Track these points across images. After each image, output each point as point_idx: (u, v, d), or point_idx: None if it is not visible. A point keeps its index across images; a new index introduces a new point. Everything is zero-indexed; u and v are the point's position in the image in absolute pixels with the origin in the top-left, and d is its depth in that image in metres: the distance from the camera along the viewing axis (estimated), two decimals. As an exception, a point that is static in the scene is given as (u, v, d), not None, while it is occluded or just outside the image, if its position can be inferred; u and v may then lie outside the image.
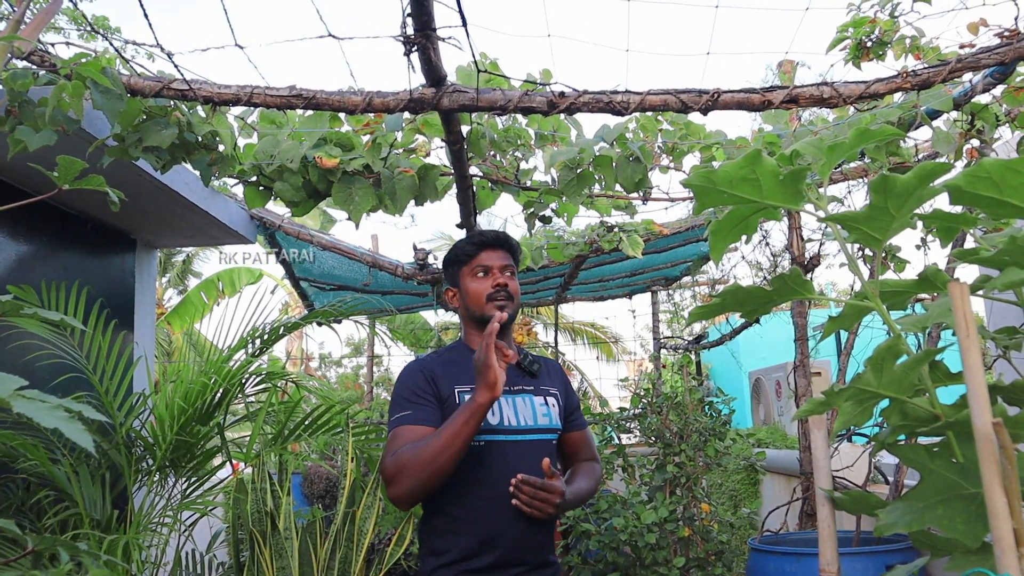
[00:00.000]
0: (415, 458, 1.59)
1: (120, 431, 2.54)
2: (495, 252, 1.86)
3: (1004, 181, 0.79)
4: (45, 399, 0.83)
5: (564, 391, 1.93)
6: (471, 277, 1.84)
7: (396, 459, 1.61)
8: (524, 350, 1.92)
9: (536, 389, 1.85)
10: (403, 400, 1.72)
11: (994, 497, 0.60)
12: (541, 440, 1.80)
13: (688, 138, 2.59)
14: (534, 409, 1.81)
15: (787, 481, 4.45)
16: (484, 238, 1.87)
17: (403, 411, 1.70)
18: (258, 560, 2.74)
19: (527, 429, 1.77)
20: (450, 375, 1.76)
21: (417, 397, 1.71)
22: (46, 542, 1.21)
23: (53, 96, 1.84)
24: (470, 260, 1.85)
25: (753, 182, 0.93)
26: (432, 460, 1.57)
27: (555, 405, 1.86)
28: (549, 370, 1.95)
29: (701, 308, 1.04)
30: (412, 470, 1.59)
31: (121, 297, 3.55)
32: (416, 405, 1.70)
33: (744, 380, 8.43)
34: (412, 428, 1.66)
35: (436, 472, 1.58)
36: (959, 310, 0.70)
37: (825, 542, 1.06)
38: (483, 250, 1.85)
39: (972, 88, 2.28)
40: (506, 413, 1.76)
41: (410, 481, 1.59)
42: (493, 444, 1.72)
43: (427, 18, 1.74)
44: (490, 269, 1.83)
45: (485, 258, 1.84)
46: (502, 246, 1.88)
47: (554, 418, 1.84)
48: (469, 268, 1.85)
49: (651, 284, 6.16)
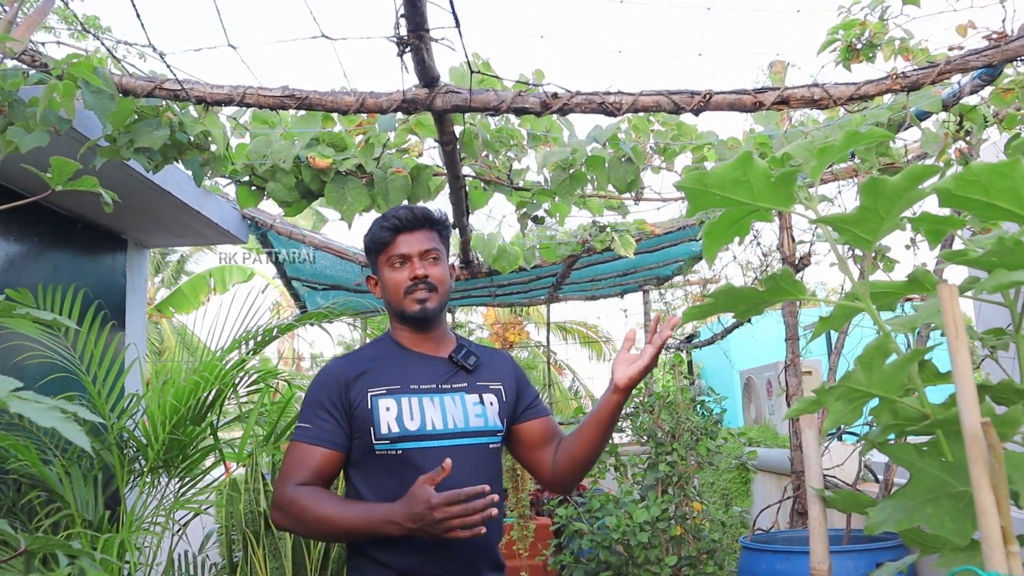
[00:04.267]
0: (309, 512, 1.49)
1: (112, 431, 2.53)
2: (413, 235, 1.63)
3: (992, 184, 0.80)
4: (40, 400, 0.83)
5: (514, 384, 1.72)
6: (388, 267, 1.64)
7: (294, 499, 1.51)
8: (462, 340, 1.72)
9: (470, 386, 1.64)
10: (308, 410, 1.59)
11: (982, 495, 0.61)
12: (473, 445, 1.59)
13: (680, 138, 2.60)
14: (465, 409, 1.60)
15: (778, 480, 4.48)
16: (399, 220, 1.63)
17: (305, 423, 1.58)
18: (251, 560, 2.74)
19: (456, 433, 1.58)
20: (367, 377, 1.60)
21: (322, 410, 1.57)
22: (39, 542, 1.21)
23: (44, 96, 1.84)
24: (385, 248, 1.64)
25: (745, 184, 0.94)
26: (323, 526, 1.50)
27: (494, 403, 1.64)
28: (493, 363, 1.72)
29: (695, 308, 1.05)
30: (301, 520, 1.51)
31: (112, 297, 3.54)
32: (318, 420, 1.57)
33: (735, 379, 8.46)
34: (307, 449, 1.55)
35: (322, 535, 1.54)
36: (948, 311, 0.71)
37: (816, 540, 1.07)
38: (399, 234, 1.63)
39: (960, 90, 2.30)
40: (429, 415, 1.57)
41: (293, 526, 1.54)
42: (414, 452, 1.53)
43: (420, 19, 1.75)
44: (408, 258, 1.62)
45: (402, 244, 1.63)
46: (421, 226, 1.65)
47: (491, 419, 1.62)
48: (385, 256, 1.64)
49: (643, 284, 6.18)
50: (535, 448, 1.72)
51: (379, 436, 1.55)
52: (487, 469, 1.61)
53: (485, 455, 1.61)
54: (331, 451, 1.56)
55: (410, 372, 1.63)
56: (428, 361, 1.66)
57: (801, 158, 1.09)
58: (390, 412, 1.56)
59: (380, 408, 1.56)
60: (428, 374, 1.63)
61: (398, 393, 1.59)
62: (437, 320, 1.68)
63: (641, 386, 3.97)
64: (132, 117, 2.17)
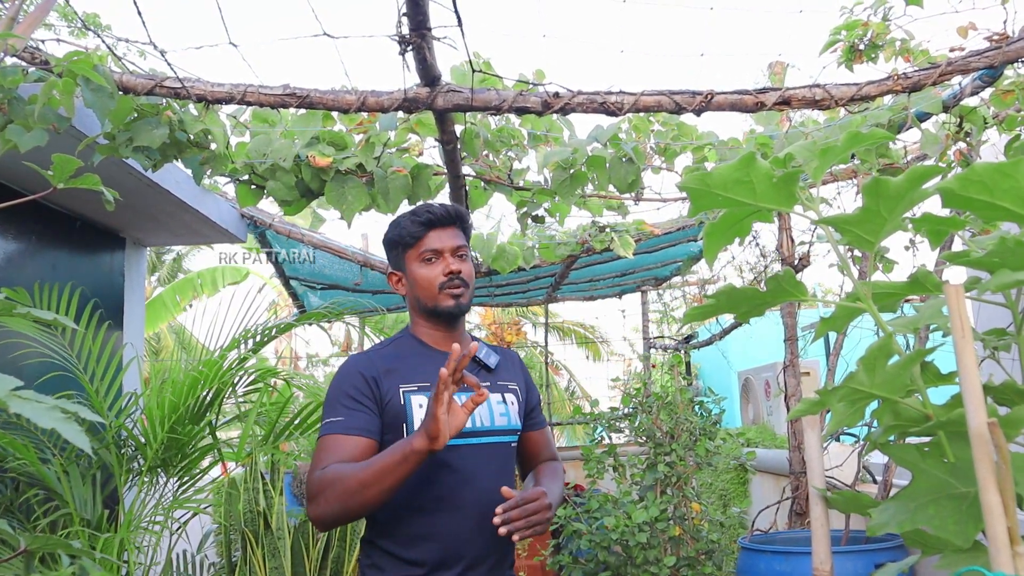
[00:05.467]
0: (339, 484, 1.41)
1: (110, 430, 2.53)
2: (445, 231, 1.61)
3: (995, 184, 0.80)
4: (41, 399, 0.83)
5: (525, 386, 1.72)
6: (419, 262, 1.60)
7: (321, 478, 1.43)
8: (475, 339, 1.69)
9: (493, 386, 1.63)
10: (336, 404, 1.52)
11: (989, 496, 0.61)
12: (499, 443, 1.59)
13: (680, 139, 2.60)
14: (491, 408, 1.59)
15: (776, 480, 4.48)
16: (432, 215, 1.61)
17: (335, 417, 1.51)
18: (250, 560, 2.73)
19: (483, 431, 1.57)
20: (395, 373, 1.56)
21: (352, 401, 1.51)
22: (39, 542, 1.20)
23: (43, 93, 1.83)
24: (416, 243, 1.61)
25: (747, 184, 0.94)
26: (356, 491, 1.39)
27: (515, 403, 1.65)
28: (508, 362, 1.73)
29: (696, 309, 1.05)
30: (333, 496, 1.41)
31: (110, 295, 3.53)
32: (350, 411, 1.50)
33: (733, 380, 8.46)
34: (342, 439, 1.48)
35: (360, 504, 1.40)
36: (955, 312, 0.71)
37: (818, 541, 1.07)
38: (431, 230, 1.60)
39: (961, 91, 2.30)
40: None
41: (331, 506, 1.42)
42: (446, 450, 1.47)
43: (422, 18, 1.75)
44: (441, 253, 1.60)
45: (435, 240, 1.60)
46: (453, 223, 1.63)
47: (513, 417, 1.63)
48: (416, 252, 1.61)
49: (641, 284, 6.18)
50: (526, 460, 1.73)
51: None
52: (509, 467, 1.62)
53: (508, 454, 1.62)
54: (368, 439, 1.49)
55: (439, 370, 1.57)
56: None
57: (802, 159, 1.09)
58: (423, 409, 1.52)
59: (413, 405, 1.53)
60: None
61: (429, 391, 1.53)
62: (463, 318, 1.66)
63: (640, 387, 3.97)
64: (132, 115, 2.16)
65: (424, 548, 1.50)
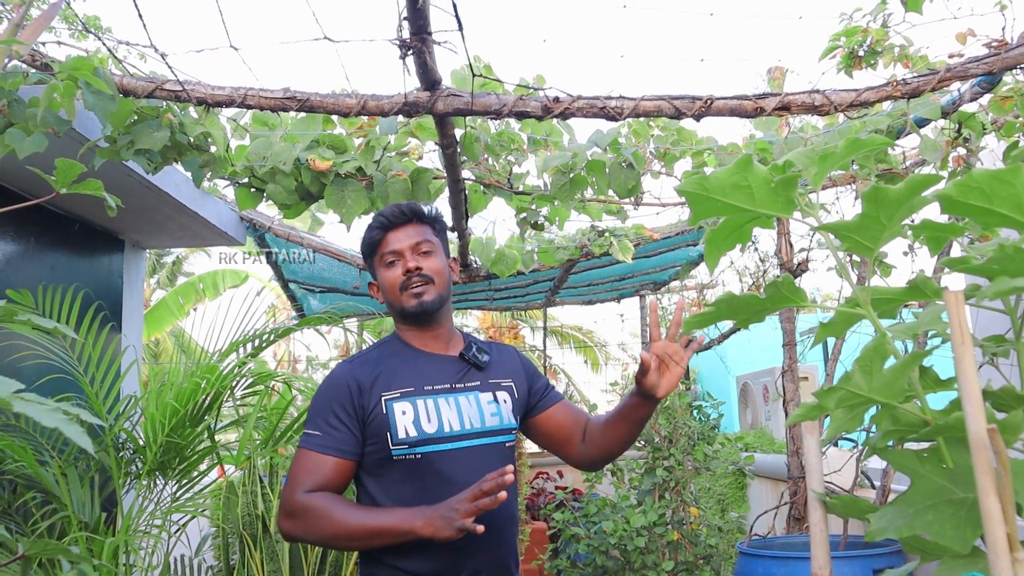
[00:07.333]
0: (325, 520, 1.43)
1: (109, 433, 2.53)
2: (402, 231, 1.61)
3: (993, 191, 0.81)
4: (43, 401, 0.83)
5: (524, 377, 1.69)
6: (383, 267, 1.62)
7: (306, 504, 1.45)
8: (470, 338, 1.69)
9: (483, 384, 1.61)
10: (317, 417, 1.53)
11: (988, 502, 0.62)
12: (492, 444, 1.57)
13: (680, 143, 2.61)
14: (480, 408, 1.58)
15: (774, 485, 4.48)
16: (385, 218, 1.62)
17: (314, 431, 1.52)
18: (248, 563, 2.73)
19: (473, 433, 1.55)
20: (380, 382, 1.55)
21: (333, 417, 1.51)
22: (37, 546, 1.20)
23: (44, 96, 1.83)
24: (378, 247, 1.62)
25: (745, 189, 0.94)
26: (342, 537, 1.44)
27: (507, 401, 1.62)
28: (502, 358, 1.70)
29: (696, 317, 1.05)
30: (316, 528, 1.44)
31: (109, 298, 3.53)
32: (330, 427, 1.51)
33: (731, 384, 8.47)
34: (316, 458, 1.49)
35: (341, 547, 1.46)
36: (954, 318, 0.71)
37: (817, 545, 1.07)
38: (387, 232, 1.62)
39: (960, 97, 2.31)
40: (446, 416, 1.53)
41: (310, 534, 1.46)
42: (434, 455, 1.51)
43: (423, 22, 1.75)
44: (400, 253, 1.60)
45: (392, 241, 1.61)
46: (409, 221, 1.63)
47: (506, 416, 1.61)
48: (379, 257, 1.63)
49: (639, 289, 6.18)
50: (559, 435, 1.70)
51: (397, 441, 1.51)
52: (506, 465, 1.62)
53: (502, 454, 1.59)
54: (343, 460, 1.51)
55: (423, 373, 1.59)
56: (439, 360, 1.62)
57: (802, 165, 1.10)
58: (406, 416, 1.52)
59: (396, 412, 1.52)
60: (441, 374, 1.59)
61: (412, 395, 1.54)
62: (440, 315, 1.63)
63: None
64: (132, 118, 2.17)
65: (422, 559, 1.48)
